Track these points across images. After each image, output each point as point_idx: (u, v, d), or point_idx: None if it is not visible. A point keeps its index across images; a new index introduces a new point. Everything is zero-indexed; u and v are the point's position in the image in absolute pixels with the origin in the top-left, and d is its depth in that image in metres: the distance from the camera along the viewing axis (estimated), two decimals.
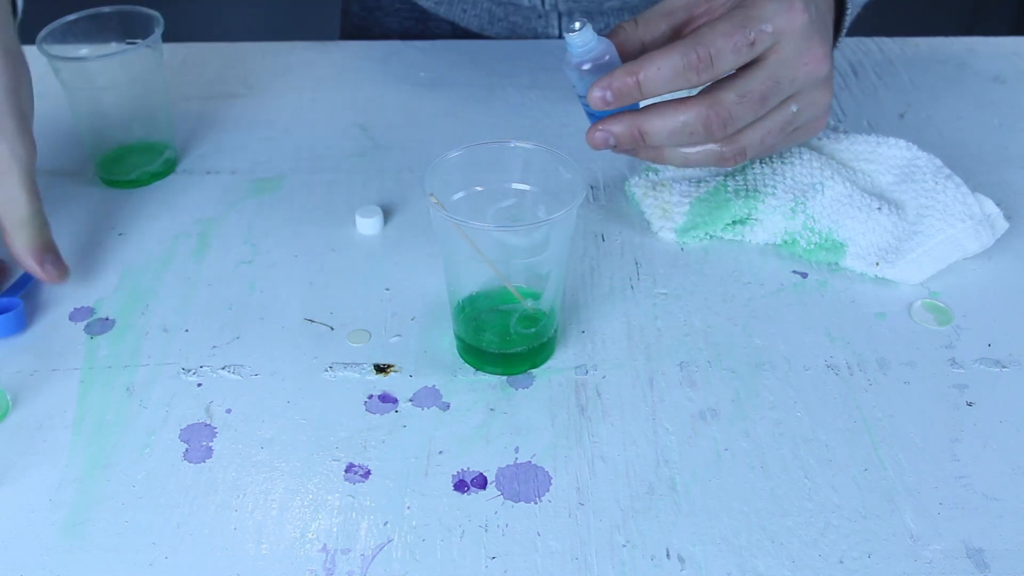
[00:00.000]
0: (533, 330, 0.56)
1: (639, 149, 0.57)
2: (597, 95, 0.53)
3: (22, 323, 0.60)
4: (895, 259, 0.62)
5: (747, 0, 0.54)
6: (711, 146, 0.55)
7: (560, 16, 0.91)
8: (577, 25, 0.54)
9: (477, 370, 0.57)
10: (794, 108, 0.55)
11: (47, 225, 0.58)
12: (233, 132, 0.79)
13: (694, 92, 0.56)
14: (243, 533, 0.48)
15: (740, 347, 0.58)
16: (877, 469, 0.51)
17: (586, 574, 0.46)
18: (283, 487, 0.51)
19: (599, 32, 0.91)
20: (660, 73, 0.51)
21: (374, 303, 0.62)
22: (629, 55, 0.56)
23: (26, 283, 0.62)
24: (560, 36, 0.91)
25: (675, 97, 0.56)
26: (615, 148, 0.55)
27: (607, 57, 0.55)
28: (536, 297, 0.55)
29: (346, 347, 0.59)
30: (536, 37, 0.91)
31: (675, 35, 0.58)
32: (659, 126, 0.53)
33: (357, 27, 1.01)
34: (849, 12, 0.61)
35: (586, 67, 0.55)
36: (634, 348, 0.58)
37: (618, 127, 0.54)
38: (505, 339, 0.56)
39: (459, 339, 0.57)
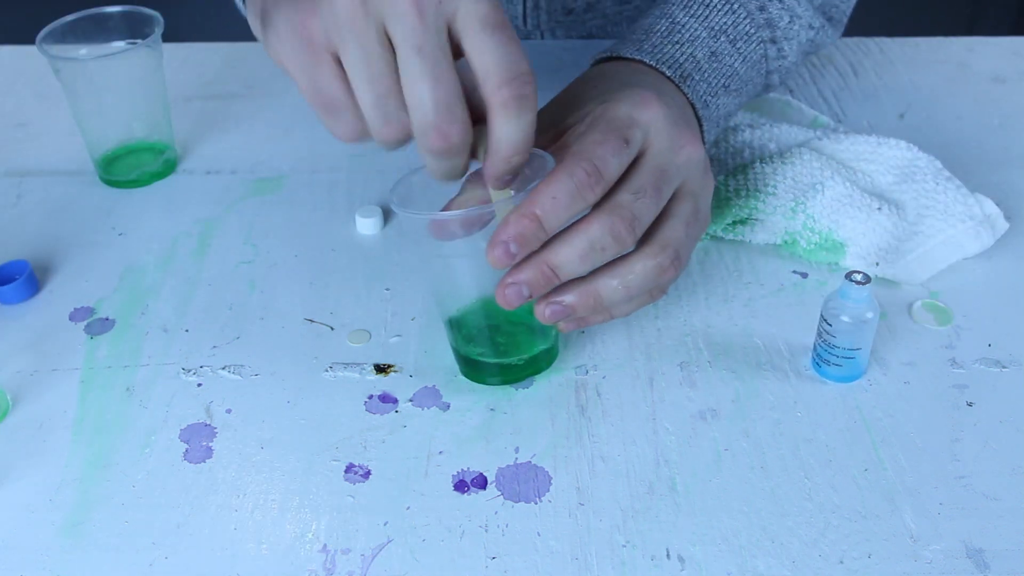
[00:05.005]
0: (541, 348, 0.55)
1: (574, 308, 0.51)
2: (499, 251, 0.46)
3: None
4: (895, 259, 0.62)
5: (600, 111, 0.51)
6: (644, 262, 0.51)
7: (542, 34, 0.91)
8: (859, 277, 0.52)
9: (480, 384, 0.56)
10: (694, 195, 0.53)
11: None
12: (233, 132, 0.79)
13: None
14: (243, 533, 0.48)
15: (740, 347, 0.58)
16: (877, 469, 0.51)
17: (586, 574, 0.46)
18: (283, 487, 0.51)
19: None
20: (557, 201, 0.46)
21: (374, 303, 0.62)
22: None
23: None
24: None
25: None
26: (531, 298, 0.49)
27: (870, 315, 0.53)
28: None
29: (346, 347, 0.59)
30: None
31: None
32: (567, 253, 0.48)
33: None
34: (707, 128, 0.59)
35: (845, 319, 0.53)
36: (634, 348, 0.58)
37: (525, 272, 0.48)
38: (502, 351, 0.55)
39: (456, 354, 0.56)
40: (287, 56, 0.47)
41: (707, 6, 0.61)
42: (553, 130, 0.54)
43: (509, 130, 0.45)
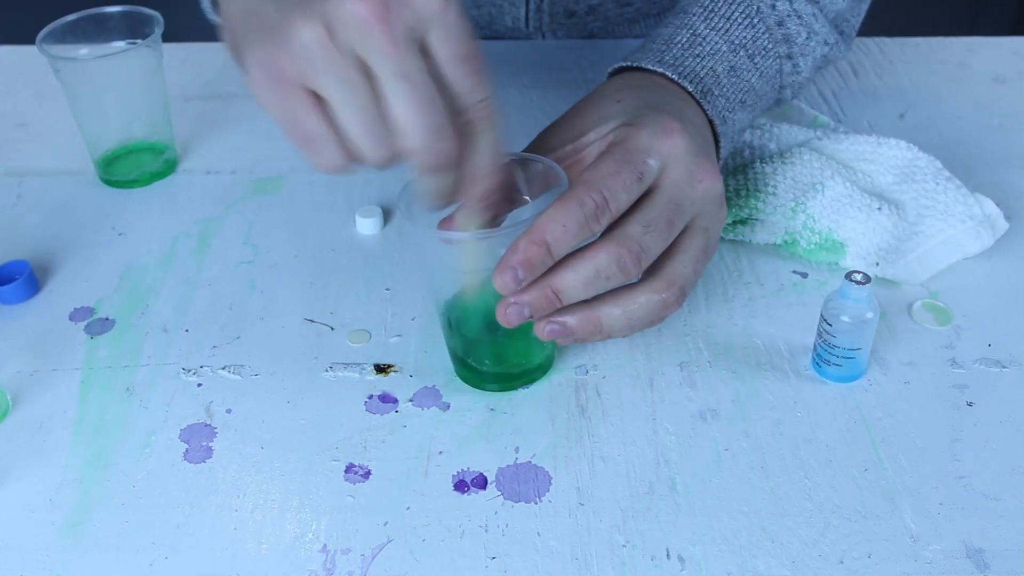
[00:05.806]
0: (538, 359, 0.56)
1: (573, 331, 0.52)
2: (507, 276, 0.47)
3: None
4: (895, 259, 0.62)
5: (622, 134, 0.52)
6: (648, 296, 0.51)
7: (544, 36, 0.91)
8: (859, 277, 0.52)
9: (477, 388, 0.56)
10: (705, 231, 0.53)
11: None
12: (233, 132, 0.79)
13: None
14: (243, 533, 0.48)
15: (740, 347, 0.58)
16: (877, 469, 0.51)
17: (586, 574, 0.46)
18: (283, 487, 0.51)
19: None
20: (567, 229, 0.48)
21: (374, 303, 0.62)
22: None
23: None
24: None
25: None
26: (532, 318, 0.50)
27: (870, 315, 0.53)
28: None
29: (346, 347, 0.59)
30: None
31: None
32: (572, 279, 0.49)
33: None
34: (723, 145, 0.59)
35: (845, 319, 0.53)
36: (634, 348, 0.58)
37: (529, 294, 0.49)
38: (501, 360, 0.55)
39: (453, 356, 0.56)
40: (261, 94, 0.47)
41: (728, 19, 0.61)
42: (572, 142, 0.54)
43: (476, 149, 0.47)
